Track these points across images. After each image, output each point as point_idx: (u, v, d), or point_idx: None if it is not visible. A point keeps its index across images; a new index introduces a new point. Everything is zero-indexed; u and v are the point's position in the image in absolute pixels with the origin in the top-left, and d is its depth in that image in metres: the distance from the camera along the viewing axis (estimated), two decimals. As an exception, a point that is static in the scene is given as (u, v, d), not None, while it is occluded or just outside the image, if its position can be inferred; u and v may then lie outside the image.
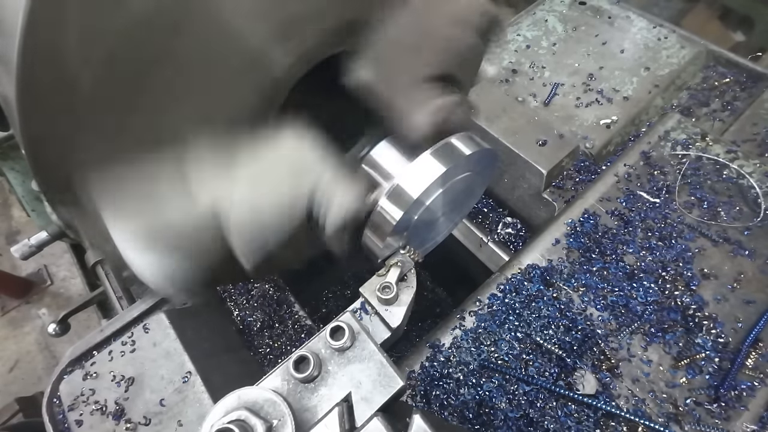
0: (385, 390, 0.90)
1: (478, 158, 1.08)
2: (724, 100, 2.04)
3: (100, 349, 1.38)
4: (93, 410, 1.24)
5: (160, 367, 1.29)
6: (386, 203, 1.00)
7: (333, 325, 0.93)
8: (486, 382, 1.24)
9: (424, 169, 0.99)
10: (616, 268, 1.37)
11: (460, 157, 1.01)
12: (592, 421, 1.17)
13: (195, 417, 1.22)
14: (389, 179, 1.02)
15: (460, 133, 1.05)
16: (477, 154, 1.05)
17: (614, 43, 2.16)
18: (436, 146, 1.01)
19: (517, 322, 1.31)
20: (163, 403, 1.24)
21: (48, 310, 4.57)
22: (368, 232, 1.06)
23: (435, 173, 0.98)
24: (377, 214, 1.01)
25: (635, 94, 1.97)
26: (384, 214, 1.01)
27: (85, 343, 1.40)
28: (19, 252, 1.46)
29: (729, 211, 1.45)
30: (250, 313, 1.72)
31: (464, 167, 1.06)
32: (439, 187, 1.03)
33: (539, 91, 2.04)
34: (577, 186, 1.78)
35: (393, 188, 1.00)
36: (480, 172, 1.16)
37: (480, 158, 1.08)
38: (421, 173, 0.99)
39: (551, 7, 2.37)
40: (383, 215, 1.01)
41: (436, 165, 0.99)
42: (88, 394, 1.27)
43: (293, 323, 1.72)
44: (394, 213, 1.00)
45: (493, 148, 1.72)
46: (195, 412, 1.23)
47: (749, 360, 1.20)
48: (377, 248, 1.08)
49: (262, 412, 0.79)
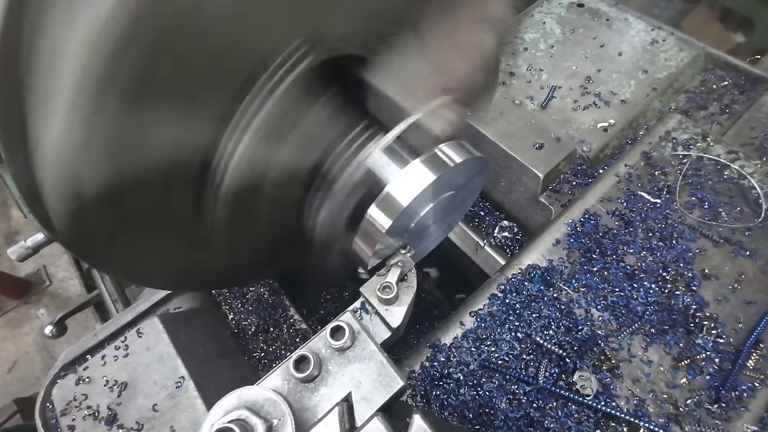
0: (385, 390, 0.90)
1: (470, 166, 1.07)
2: (722, 103, 2.04)
3: (93, 353, 1.38)
4: (85, 415, 1.24)
5: (153, 372, 1.29)
6: (375, 211, 0.99)
7: (333, 324, 0.93)
8: (486, 382, 1.24)
9: (414, 177, 0.98)
10: (616, 269, 1.37)
11: (451, 165, 1.01)
12: (593, 422, 1.16)
13: (188, 422, 1.21)
14: (380, 186, 1.01)
15: (451, 141, 1.04)
16: (468, 162, 1.04)
17: (612, 45, 2.17)
18: (427, 154, 1.00)
19: (517, 322, 1.31)
20: (155, 409, 1.23)
21: (47, 310, 4.57)
22: (357, 239, 1.05)
23: (425, 181, 0.97)
24: (366, 221, 1.00)
25: (633, 97, 1.97)
26: (373, 222, 1.00)
27: (79, 347, 1.40)
28: (15, 254, 1.45)
29: (730, 212, 1.45)
30: (245, 316, 1.72)
31: (455, 175, 1.05)
32: (429, 194, 1.02)
33: (536, 93, 2.04)
34: (573, 190, 1.77)
35: (383, 196, 0.99)
36: (471, 179, 1.16)
37: (471, 166, 1.08)
38: (412, 181, 0.98)
39: (549, 9, 2.37)
40: (372, 223, 1.00)
41: (426, 173, 0.98)
42: (80, 399, 1.26)
43: (288, 327, 1.71)
44: (383, 221, 0.99)
45: (489, 152, 1.75)
46: (188, 417, 1.22)
47: (750, 361, 1.20)
48: (366, 256, 1.07)
49: (263, 412, 0.79)
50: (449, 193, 1.10)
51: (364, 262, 1.09)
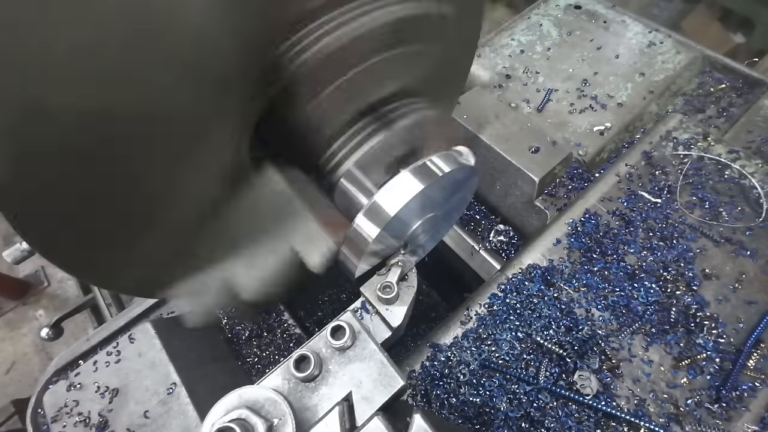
0: (385, 389, 0.90)
1: (458, 176, 1.06)
2: (719, 106, 2.05)
3: (86, 358, 1.37)
4: (76, 422, 1.23)
5: (145, 378, 1.28)
6: (363, 220, 0.98)
7: (334, 324, 0.93)
8: (487, 381, 1.23)
9: (401, 187, 0.98)
10: (617, 268, 1.36)
11: (439, 175, 1.00)
12: (593, 421, 1.16)
13: (179, 429, 1.21)
14: (368, 195, 1.00)
15: (441, 152, 1.04)
16: (456, 172, 1.03)
17: (609, 48, 2.17)
18: (416, 164, 1.00)
19: (517, 321, 1.30)
20: (147, 415, 1.23)
21: (45, 311, 4.54)
22: (344, 249, 1.04)
23: (412, 191, 0.97)
24: (353, 231, 0.99)
25: (630, 100, 1.98)
26: (360, 232, 0.99)
27: (71, 352, 1.39)
28: (11, 257, 1.43)
29: (731, 212, 1.45)
30: (239, 321, 1.71)
31: (443, 185, 1.04)
32: (417, 204, 1.01)
33: (533, 96, 2.04)
34: (569, 193, 1.77)
35: (370, 205, 0.98)
36: (460, 189, 1.15)
37: (460, 176, 1.07)
38: (399, 190, 0.97)
39: (546, 11, 2.38)
40: (359, 232, 0.99)
41: (414, 182, 0.97)
42: (72, 405, 1.25)
43: (282, 332, 1.70)
44: (370, 230, 0.98)
45: (484, 155, 1.75)
46: (179, 424, 1.21)
47: (751, 361, 1.20)
48: (352, 266, 1.06)
49: (263, 411, 0.79)
50: (439, 198, 1.09)
51: (350, 271, 1.08)
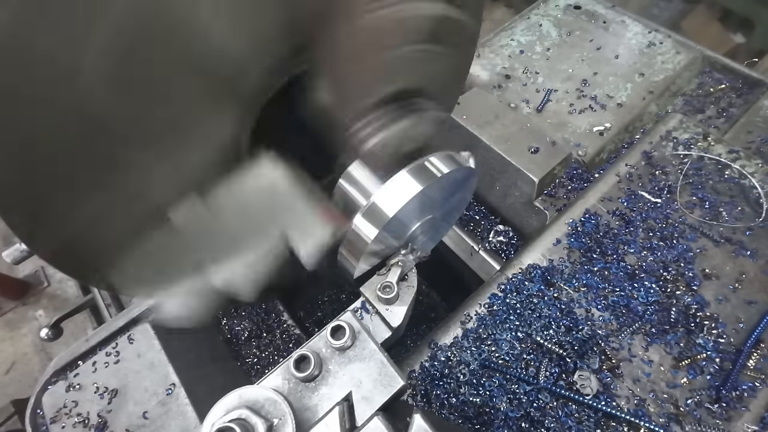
0: (385, 389, 0.89)
1: (457, 177, 1.06)
2: (719, 106, 2.05)
3: (85, 359, 1.36)
4: (75, 422, 1.23)
5: (144, 379, 1.28)
6: (361, 221, 0.98)
7: (334, 324, 0.93)
8: (487, 381, 1.23)
9: (400, 188, 0.97)
10: (617, 268, 1.36)
11: (437, 175, 1.00)
12: (593, 421, 1.15)
13: (178, 430, 1.21)
14: (366, 196, 1.00)
15: (440, 152, 1.04)
16: (455, 172, 1.03)
17: (609, 48, 2.17)
18: (414, 165, 0.99)
19: (517, 321, 1.30)
20: (146, 416, 1.23)
21: (45, 311, 4.53)
22: (343, 250, 1.04)
23: (411, 192, 0.96)
24: (352, 232, 0.99)
25: (629, 101, 1.98)
26: (359, 233, 0.99)
27: (70, 353, 1.38)
28: (10, 257, 1.43)
29: (731, 212, 1.45)
30: (238, 322, 1.71)
31: (442, 185, 1.04)
32: (416, 204, 1.01)
33: (532, 97, 2.04)
34: (569, 194, 1.77)
35: (368, 206, 0.98)
36: (459, 190, 1.15)
37: (459, 177, 1.07)
38: (398, 191, 0.97)
39: (546, 12, 2.38)
40: (358, 233, 0.99)
41: (412, 183, 0.97)
42: (71, 406, 1.25)
43: (281, 333, 1.71)
44: (369, 231, 0.98)
45: (484, 156, 1.75)
46: (178, 425, 1.21)
47: (751, 361, 1.20)
48: (351, 267, 1.06)
49: (263, 411, 0.79)
50: (438, 199, 1.09)
51: (350, 271, 1.08)
